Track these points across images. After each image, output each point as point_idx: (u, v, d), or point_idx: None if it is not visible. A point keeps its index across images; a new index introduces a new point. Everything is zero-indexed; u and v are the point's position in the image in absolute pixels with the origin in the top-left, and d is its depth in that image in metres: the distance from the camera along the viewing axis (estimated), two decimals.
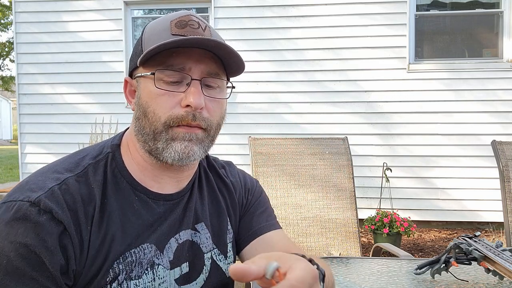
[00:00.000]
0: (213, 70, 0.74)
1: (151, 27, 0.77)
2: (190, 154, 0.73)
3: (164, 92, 0.72)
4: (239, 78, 3.86)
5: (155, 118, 0.72)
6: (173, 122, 0.72)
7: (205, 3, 4.69)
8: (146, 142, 0.75)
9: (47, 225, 0.65)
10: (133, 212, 0.75)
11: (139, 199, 0.77)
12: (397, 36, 4.41)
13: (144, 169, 0.78)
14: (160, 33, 0.73)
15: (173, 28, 0.73)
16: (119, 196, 0.75)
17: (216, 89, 0.76)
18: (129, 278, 0.72)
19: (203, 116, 0.73)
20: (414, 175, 4.41)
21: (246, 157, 1.91)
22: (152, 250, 0.75)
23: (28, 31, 4.80)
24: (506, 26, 4.34)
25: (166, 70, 0.71)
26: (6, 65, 24.82)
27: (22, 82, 4.84)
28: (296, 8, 4.50)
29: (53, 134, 4.80)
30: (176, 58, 0.72)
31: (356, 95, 4.45)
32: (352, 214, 2.09)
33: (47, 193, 0.67)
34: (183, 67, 0.72)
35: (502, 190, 1.92)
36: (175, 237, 0.80)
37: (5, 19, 18.61)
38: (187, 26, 0.73)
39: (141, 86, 0.75)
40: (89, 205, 0.71)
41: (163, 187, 0.80)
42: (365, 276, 1.12)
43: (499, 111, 4.29)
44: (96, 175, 0.74)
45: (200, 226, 0.84)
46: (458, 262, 1.05)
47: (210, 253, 0.84)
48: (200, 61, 0.73)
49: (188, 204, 0.83)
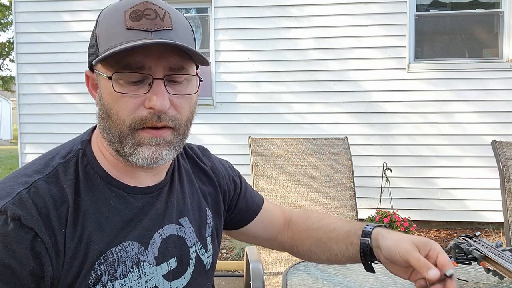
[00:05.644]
0: (176, 65, 0.68)
1: (105, 17, 0.70)
2: (160, 159, 0.70)
3: (125, 95, 0.67)
4: (239, 78, 3.87)
5: (119, 121, 0.68)
6: (138, 125, 0.68)
7: (205, 3, 4.69)
8: (112, 142, 0.71)
9: (15, 234, 0.61)
10: (109, 208, 0.72)
11: (115, 194, 0.73)
12: (397, 36, 4.40)
13: (116, 165, 0.75)
14: (113, 27, 0.67)
15: (127, 21, 0.66)
16: (93, 194, 0.72)
17: (182, 84, 0.71)
18: (114, 278, 0.70)
19: (170, 115, 0.69)
20: (414, 175, 4.41)
21: (246, 157, 1.92)
22: (135, 247, 0.73)
23: (28, 31, 4.80)
24: (506, 26, 4.34)
25: (123, 71, 0.66)
26: (6, 65, 24.83)
27: (22, 82, 4.84)
28: (296, 8, 4.50)
29: (53, 134, 4.79)
30: (134, 57, 0.65)
31: (356, 95, 4.45)
32: (352, 214, 2.09)
33: (14, 199, 0.64)
34: (142, 66, 0.66)
35: (502, 190, 1.92)
36: (158, 232, 0.77)
37: (5, 19, 18.60)
38: (143, 18, 0.66)
39: (102, 84, 0.70)
40: (62, 206, 0.67)
41: (140, 182, 0.77)
42: (365, 276, 1.12)
43: (499, 111, 4.29)
44: (67, 174, 0.71)
45: (184, 221, 0.83)
46: (458, 262, 1.05)
47: (194, 247, 0.83)
48: (160, 57, 0.67)
49: (169, 198, 0.81)
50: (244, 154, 4.33)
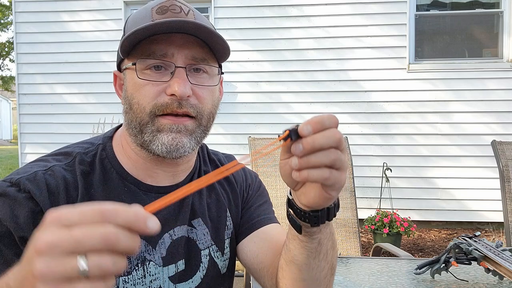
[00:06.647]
0: (198, 55, 0.71)
1: (133, 16, 0.74)
2: (179, 146, 0.70)
3: (148, 82, 0.69)
4: (239, 78, 3.85)
5: (140, 109, 0.70)
6: (158, 110, 0.69)
7: (205, 3, 4.69)
8: (136, 135, 0.72)
9: (23, 203, 0.65)
10: (120, 203, 0.72)
11: (128, 190, 0.74)
12: (397, 36, 4.41)
13: (136, 163, 0.76)
14: (140, 21, 0.70)
15: (153, 15, 0.70)
16: (106, 187, 0.73)
17: (204, 76, 0.72)
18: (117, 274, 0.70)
19: (191, 103, 0.70)
20: (414, 175, 4.41)
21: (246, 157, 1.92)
22: (142, 245, 0.73)
23: (28, 31, 4.80)
24: (506, 26, 4.34)
25: (147, 59, 0.69)
26: (6, 65, 24.82)
27: (22, 82, 4.83)
28: (296, 8, 4.50)
29: (53, 134, 4.79)
30: (157, 45, 0.68)
31: (356, 95, 4.45)
32: (352, 214, 2.09)
33: (29, 175, 0.68)
34: (165, 54, 0.69)
35: (502, 190, 1.92)
36: (169, 232, 0.77)
37: (5, 19, 18.60)
38: (168, 11, 0.70)
39: (127, 78, 0.73)
40: (73, 191, 0.70)
41: (157, 181, 0.77)
42: (365, 276, 1.12)
43: (499, 111, 4.29)
44: (83, 164, 0.73)
45: (197, 222, 0.81)
46: (458, 262, 1.05)
47: (207, 250, 0.81)
48: (183, 46, 0.69)
49: (184, 199, 0.80)
50: (244, 154, 4.33)
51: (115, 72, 0.79)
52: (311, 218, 0.60)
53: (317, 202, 0.57)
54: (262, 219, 0.87)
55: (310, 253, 0.66)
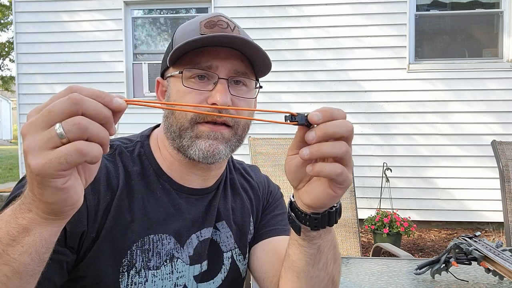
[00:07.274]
0: (240, 69, 0.76)
1: (182, 28, 0.80)
2: (216, 153, 0.73)
3: (191, 90, 0.73)
4: None
5: (181, 115, 0.74)
6: (199, 118, 0.73)
7: (205, 3, 4.69)
8: (174, 139, 0.76)
9: None
10: (156, 198, 0.77)
11: (163, 187, 0.79)
12: (397, 36, 4.41)
13: (171, 164, 0.80)
14: (189, 34, 0.75)
15: (202, 28, 0.75)
16: (144, 181, 0.77)
17: (243, 88, 0.77)
18: (147, 268, 0.73)
19: (230, 113, 0.74)
20: (414, 175, 4.41)
21: (246, 157, 1.91)
22: (171, 243, 0.76)
23: (28, 31, 4.80)
24: (506, 26, 4.34)
25: (193, 68, 0.74)
26: (6, 65, 24.82)
27: (22, 82, 4.83)
28: (296, 8, 4.50)
29: None
30: (204, 57, 0.73)
31: (356, 95, 4.45)
32: (352, 214, 2.09)
33: None
34: (210, 66, 0.73)
35: (502, 190, 1.92)
36: (196, 234, 0.80)
37: (5, 19, 18.60)
38: (216, 26, 0.75)
39: (171, 85, 0.78)
40: (114, 180, 0.74)
41: (189, 183, 0.81)
42: (365, 276, 1.12)
43: (499, 111, 4.29)
44: (123, 157, 0.78)
45: (221, 225, 0.84)
46: (458, 262, 1.05)
47: (230, 252, 0.84)
48: (227, 59, 0.74)
49: (212, 203, 0.84)
50: (244, 154, 4.33)
51: (158, 79, 0.84)
52: (311, 220, 0.61)
53: (321, 199, 0.58)
54: (276, 229, 0.88)
55: (309, 259, 0.67)
